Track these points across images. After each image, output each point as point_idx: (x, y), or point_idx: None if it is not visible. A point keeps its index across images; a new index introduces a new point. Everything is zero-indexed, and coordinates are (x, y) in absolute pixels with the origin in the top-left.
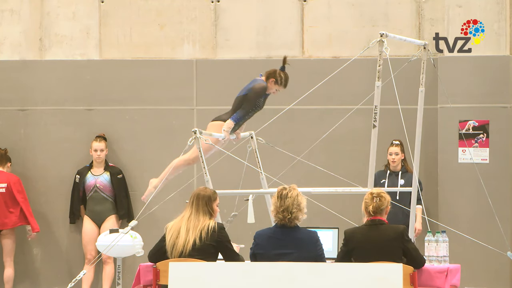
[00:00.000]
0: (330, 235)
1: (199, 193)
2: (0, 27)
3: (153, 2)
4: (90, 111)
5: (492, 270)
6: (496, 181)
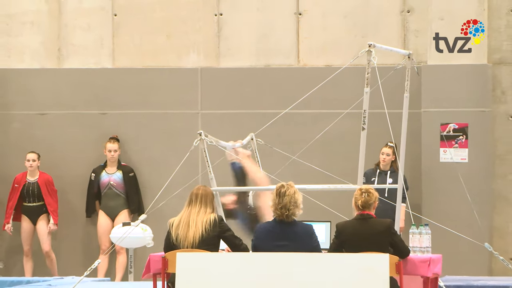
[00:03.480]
0: (323, 228)
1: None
2: (22, 37)
3: (161, 15)
4: (103, 115)
5: (471, 259)
6: (475, 179)
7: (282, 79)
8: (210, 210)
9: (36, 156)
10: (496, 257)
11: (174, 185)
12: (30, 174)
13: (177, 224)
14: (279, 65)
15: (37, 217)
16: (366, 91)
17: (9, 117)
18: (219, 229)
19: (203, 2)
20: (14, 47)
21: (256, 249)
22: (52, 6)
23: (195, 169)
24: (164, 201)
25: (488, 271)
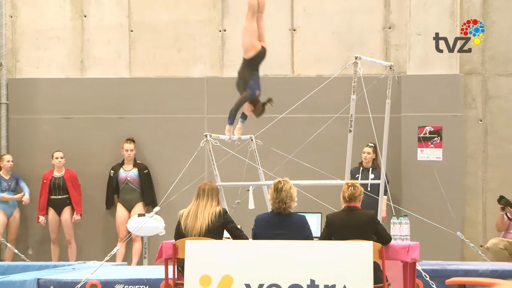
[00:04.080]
0: (315, 219)
1: (211, 187)
2: (49, 51)
3: (172, 31)
4: (121, 119)
5: (445, 246)
6: (448, 175)
7: (278, 87)
8: (215, 203)
9: (63, 154)
10: (467, 244)
11: (183, 181)
12: (57, 170)
13: (186, 215)
14: (276, 75)
15: (62, 209)
16: (353, 98)
17: (38, 121)
18: (223, 220)
19: (209, 20)
20: (42, 59)
21: (256, 237)
22: (76, 23)
23: (201, 166)
24: (174, 195)
25: (460, 256)
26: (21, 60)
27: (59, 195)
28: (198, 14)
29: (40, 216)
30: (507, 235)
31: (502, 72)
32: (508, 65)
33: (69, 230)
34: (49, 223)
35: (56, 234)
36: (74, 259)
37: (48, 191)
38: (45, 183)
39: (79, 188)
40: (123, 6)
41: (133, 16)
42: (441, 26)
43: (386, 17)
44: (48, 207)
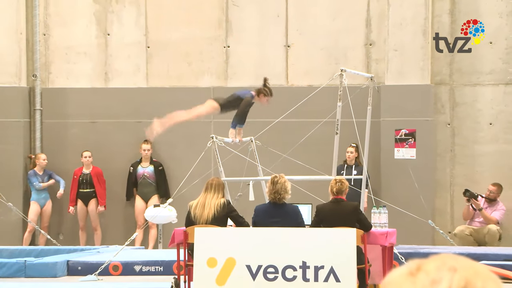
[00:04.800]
0: (306, 209)
1: (217, 181)
2: (77, 64)
3: (183, 47)
4: (139, 123)
5: (418, 232)
6: (421, 171)
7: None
8: (221, 196)
9: (90, 153)
10: (437, 231)
11: (193, 176)
12: (85, 167)
13: (195, 205)
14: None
15: (89, 200)
16: (339, 105)
17: (68, 125)
18: (227, 210)
19: (215, 38)
20: (71, 71)
21: (255, 224)
22: (100, 41)
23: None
24: (185, 188)
25: (431, 241)
26: (53, 72)
27: (86, 188)
28: (205, 32)
29: (70, 206)
30: (472, 223)
31: (467, 82)
32: (472, 76)
33: (94, 219)
34: (77, 212)
35: (84, 222)
36: (99, 244)
37: (77, 185)
38: (75, 179)
39: (104, 183)
40: (141, 26)
41: (149, 35)
42: (415, 43)
43: (367, 35)
44: (77, 199)
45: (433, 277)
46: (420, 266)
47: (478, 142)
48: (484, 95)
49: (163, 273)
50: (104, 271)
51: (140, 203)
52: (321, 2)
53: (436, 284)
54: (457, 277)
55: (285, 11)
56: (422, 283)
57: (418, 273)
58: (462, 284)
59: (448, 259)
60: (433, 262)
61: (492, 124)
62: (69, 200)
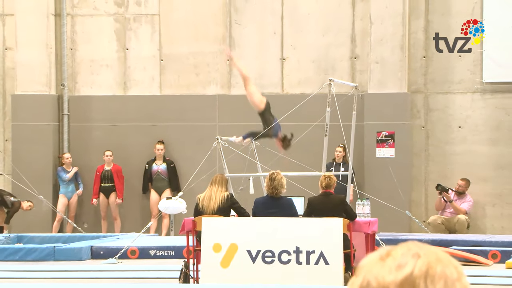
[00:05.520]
0: (299, 201)
1: (221, 177)
2: (100, 75)
3: (192, 60)
4: (153, 126)
5: (396, 221)
6: (399, 168)
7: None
8: (224, 189)
9: (111, 152)
10: (413, 220)
11: (200, 172)
12: (107, 164)
13: (203, 198)
14: (270, 93)
15: (109, 194)
16: (328, 110)
17: (92, 128)
18: (230, 202)
19: (219, 52)
20: (95, 81)
21: (255, 215)
22: (120, 55)
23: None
24: (193, 183)
25: (408, 229)
26: (79, 82)
27: (107, 183)
28: (211, 47)
29: (93, 199)
30: (443, 213)
31: (439, 91)
32: (444, 85)
33: (114, 209)
34: (100, 204)
35: (105, 212)
36: (118, 231)
37: (100, 180)
38: (97, 175)
39: (122, 179)
40: (155, 42)
41: (162, 49)
42: (394, 56)
43: (352, 50)
44: (99, 192)
45: (399, 262)
46: (389, 252)
47: (449, 143)
48: (454, 102)
49: (175, 257)
50: (123, 255)
51: (155, 196)
52: (312, 21)
53: (401, 268)
54: (420, 262)
55: (280, 29)
56: (390, 266)
57: (387, 258)
58: (424, 268)
59: (413, 247)
60: (400, 249)
61: (461, 127)
62: (92, 193)
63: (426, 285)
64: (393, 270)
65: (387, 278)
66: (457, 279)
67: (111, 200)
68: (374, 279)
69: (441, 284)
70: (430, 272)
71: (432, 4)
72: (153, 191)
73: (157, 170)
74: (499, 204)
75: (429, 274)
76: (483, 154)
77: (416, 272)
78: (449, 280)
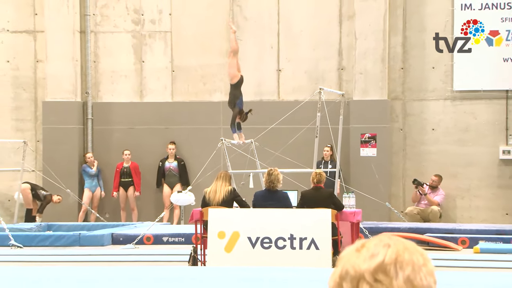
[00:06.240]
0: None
1: (225, 173)
2: (119, 84)
3: (200, 71)
4: (166, 129)
5: (378, 212)
6: (380, 166)
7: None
8: (228, 184)
9: (129, 152)
10: (392, 211)
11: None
12: (125, 162)
13: (209, 191)
14: (267, 100)
15: (128, 187)
16: (318, 115)
17: (112, 130)
18: (233, 195)
19: (224, 64)
20: (115, 89)
21: (254, 206)
22: (137, 66)
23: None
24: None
25: (388, 219)
26: (101, 90)
27: (126, 178)
28: (216, 60)
29: (114, 192)
30: (419, 205)
31: (415, 98)
32: (419, 93)
33: (132, 201)
34: (119, 197)
35: (124, 204)
36: (135, 220)
37: (119, 176)
38: (117, 171)
39: (139, 175)
40: (167, 55)
41: (174, 62)
42: (375, 68)
43: (339, 62)
44: (119, 186)
45: (372, 252)
46: (364, 244)
47: (424, 144)
48: (428, 108)
49: (185, 243)
50: (139, 241)
51: (167, 189)
52: (304, 37)
53: (374, 257)
54: (390, 251)
55: (277, 44)
56: (364, 256)
57: (362, 249)
58: (394, 256)
59: (384, 238)
60: (373, 241)
61: (434, 130)
62: (113, 187)
63: (396, 271)
64: (367, 259)
65: (362, 266)
66: (423, 264)
67: (129, 193)
68: (351, 268)
69: (409, 269)
70: (399, 259)
71: (409, 22)
72: (166, 186)
73: (169, 167)
74: (468, 197)
75: (398, 260)
76: (454, 153)
77: (387, 259)
78: (415, 265)
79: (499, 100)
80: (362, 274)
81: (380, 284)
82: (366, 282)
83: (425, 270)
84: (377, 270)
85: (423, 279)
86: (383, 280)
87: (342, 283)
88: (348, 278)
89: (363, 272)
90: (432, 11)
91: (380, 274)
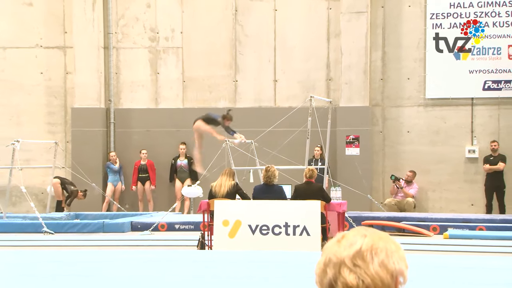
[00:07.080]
0: (288, 188)
1: (229, 170)
2: (138, 93)
3: (206, 81)
4: (178, 131)
5: (361, 203)
6: (363, 163)
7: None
8: (232, 179)
9: (146, 151)
10: (373, 202)
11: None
12: (142, 160)
13: (215, 185)
14: (265, 106)
15: (145, 182)
16: (309, 119)
17: (132, 133)
18: (236, 188)
19: (227, 75)
20: (134, 98)
21: (254, 198)
22: (153, 77)
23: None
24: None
25: (370, 209)
26: (122, 98)
27: (143, 174)
28: (221, 71)
29: (133, 186)
30: (396, 197)
31: (393, 105)
32: (396, 101)
33: (149, 194)
34: (137, 190)
35: (142, 196)
36: (151, 210)
37: (137, 172)
38: (136, 168)
39: (154, 171)
40: (179, 68)
41: (185, 73)
42: (358, 79)
43: (328, 74)
44: (137, 181)
45: (351, 241)
46: (344, 235)
47: (400, 144)
48: (404, 113)
49: (194, 230)
50: (155, 228)
51: (178, 184)
52: (297, 51)
53: (352, 245)
54: (366, 240)
55: (273, 57)
56: (344, 245)
57: (342, 240)
58: (370, 244)
59: (361, 230)
60: (352, 232)
61: (409, 132)
62: (132, 182)
63: (372, 256)
64: (347, 247)
65: (343, 254)
66: (395, 251)
67: (146, 187)
68: (333, 256)
69: (383, 254)
70: (374, 246)
71: (387, 39)
72: (178, 180)
73: (181, 165)
74: (438, 190)
75: (373, 248)
76: (426, 152)
77: (364, 247)
78: (389, 251)
79: (465, 106)
80: (343, 260)
81: (358, 268)
82: (346, 267)
83: (397, 255)
84: (356, 256)
85: (395, 263)
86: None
87: (326, 269)
88: (331, 265)
89: (343, 258)
90: (407, 29)
91: (358, 260)
